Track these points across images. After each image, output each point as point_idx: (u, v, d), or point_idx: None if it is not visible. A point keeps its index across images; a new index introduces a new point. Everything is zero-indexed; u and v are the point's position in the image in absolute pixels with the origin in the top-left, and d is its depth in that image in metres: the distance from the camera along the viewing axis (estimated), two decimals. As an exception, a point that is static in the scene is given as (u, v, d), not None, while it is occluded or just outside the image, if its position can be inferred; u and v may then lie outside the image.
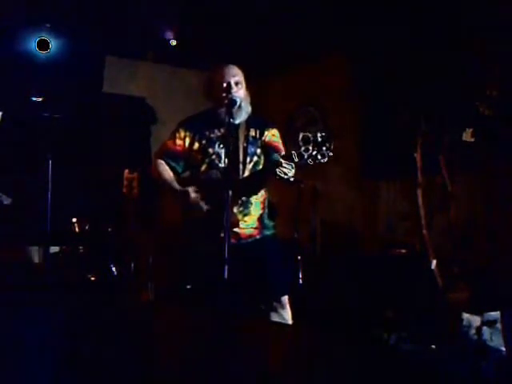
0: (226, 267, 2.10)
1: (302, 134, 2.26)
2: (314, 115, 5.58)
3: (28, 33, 4.69)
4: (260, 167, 2.64)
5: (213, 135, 2.61)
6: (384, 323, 3.61)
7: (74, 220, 4.64)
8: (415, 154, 3.96)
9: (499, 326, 3.06)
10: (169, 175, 2.64)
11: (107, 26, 4.70)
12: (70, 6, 4.33)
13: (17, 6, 4.30)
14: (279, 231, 4.91)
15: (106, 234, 4.70)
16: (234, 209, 2.52)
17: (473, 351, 3.00)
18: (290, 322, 2.64)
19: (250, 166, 2.61)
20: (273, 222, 2.75)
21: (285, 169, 2.28)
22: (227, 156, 2.47)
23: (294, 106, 5.76)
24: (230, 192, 2.20)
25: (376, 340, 3.44)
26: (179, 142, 2.65)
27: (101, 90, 5.41)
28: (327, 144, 2.23)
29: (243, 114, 2.58)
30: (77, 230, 4.64)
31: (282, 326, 2.52)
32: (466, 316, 3.19)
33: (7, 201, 4.57)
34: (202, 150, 2.61)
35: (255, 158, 2.63)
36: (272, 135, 2.70)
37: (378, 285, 3.93)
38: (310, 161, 2.25)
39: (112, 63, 5.49)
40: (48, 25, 4.73)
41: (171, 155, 2.66)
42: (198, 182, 2.59)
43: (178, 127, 2.68)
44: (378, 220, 4.84)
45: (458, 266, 3.72)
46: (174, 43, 5.13)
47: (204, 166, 2.61)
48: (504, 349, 2.98)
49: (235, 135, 2.57)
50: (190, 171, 2.72)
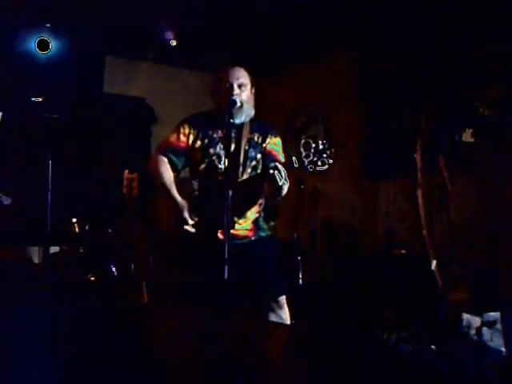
0: (226, 268, 2.10)
1: (303, 140, 2.27)
2: (314, 115, 5.58)
3: (28, 33, 4.69)
4: (258, 172, 2.64)
5: (216, 136, 2.60)
6: (384, 323, 3.61)
7: (74, 220, 4.64)
8: (415, 154, 3.96)
9: (499, 326, 3.06)
10: (169, 177, 2.61)
11: (107, 26, 4.71)
12: (70, 6, 4.34)
13: (17, 6, 4.30)
14: (279, 231, 4.95)
15: (106, 234, 4.70)
16: (231, 211, 2.52)
17: (473, 351, 3.00)
18: (288, 321, 2.64)
19: (249, 169, 2.61)
20: (272, 222, 2.75)
21: (278, 176, 2.26)
22: (228, 156, 2.47)
23: (293, 106, 5.76)
24: (230, 192, 2.19)
25: (376, 340, 3.44)
26: (183, 138, 2.63)
27: (101, 90, 5.41)
28: (328, 152, 2.25)
29: (244, 116, 2.57)
30: (77, 230, 4.64)
31: (281, 325, 2.52)
32: (466, 316, 3.19)
33: (7, 201, 4.57)
34: (204, 149, 2.60)
35: (254, 163, 2.62)
36: (274, 144, 2.68)
37: (378, 285, 3.93)
38: (310, 167, 2.26)
39: (112, 63, 5.49)
40: (48, 25, 4.74)
41: (173, 151, 2.63)
42: (198, 182, 2.59)
43: (182, 123, 2.65)
44: (378, 220, 4.84)
45: (458, 266, 3.72)
46: (173, 43, 5.14)
47: (203, 166, 2.61)
48: (504, 349, 2.99)
49: (238, 137, 2.57)
50: (189, 170, 2.71)
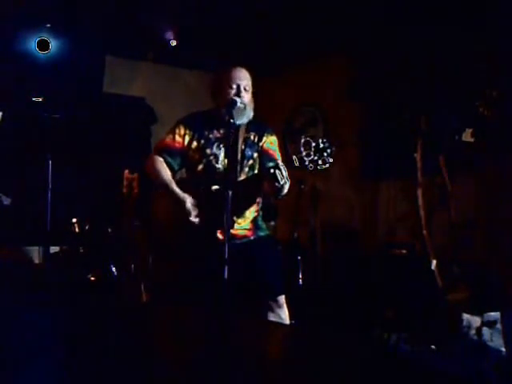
0: (226, 267, 2.09)
1: (303, 139, 2.28)
2: (314, 115, 5.58)
3: (28, 33, 4.69)
4: (255, 171, 2.64)
5: (211, 136, 2.61)
6: (384, 323, 3.61)
7: (74, 220, 4.64)
8: (415, 154, 3.96)
9: (499, 326, 3.06)
10: (167, 175, 2.62)
11: (107, 26, 4.71)
12: (70, 6, 4.34)
13: (17, 6, 4.30)
14: (279, 231, 4.95)
15: (105, 234, 4.70)
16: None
17: (473, 351, 3.00)
18: (287, 321, 2.64)
19: (246, 168, 2.61)
20: (273, 222, 2.76)
21: (279, 175, 2.26)
22: (228, 156, 2.47)
23: (293, 105, 5.76)
24: (229, 192, 2.19)
25: (376, 340, 3.44)
26: (178, 139, 2.63)
27: (101, 90, 5.41)
28: (328, 150, 2.25)
29: (244, 118, 2.58)
30: (77, 230, 4.63)
31: (281, 325, 2.52)
32: (466, 316, 3.19)
33: (7, 201, 4.57)
34: (200, 149, 2.60)
35: (251, 162, 2.63)
36: (270, 142, 2.69)
37: (377, 285, 3.93)
38: (310, 166, 2.26)
39: (112, 63, 5.49)
40: (48, 25, 4.74)
41: (169, 152, 2.64)
42: (195, 182, 2.59)
43: (178, 124, 2.66)
44: (378, 220, 4.84)
45: (458, 266, 3.72)
46: (174, 43, 5.14)
47: (200, 166, 2.61)
48: (504, 349, 2.99)
49: (235, 136, 2.57)
50: (186, 170, 2.71)
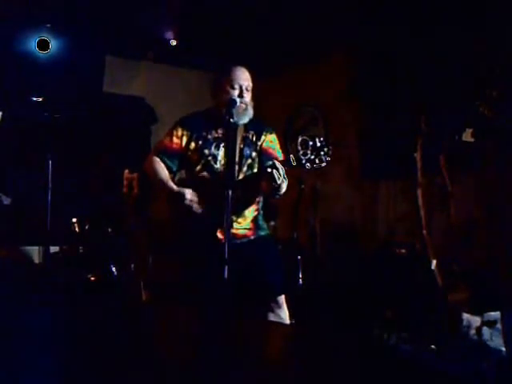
0: (226, 267, 2.10)
1: (300, 138, 2.27)
2: (314, 115, 5.58)
3: (28, 33, 4.69)
4: (254, 170, 2.64)
5: (210, 136, 2.60)
6: (384, 323, 3.61)
7: (74, 220, 4.64)
8: (415, 154, 3.96)
9: (499, 326, 3.06)
10: (164, 174, 2.62)
11: (107, 26, 4.71)
12: (70, 6, 4.34)
13: (17, 6, 4.30)
14: (279, 231, 4.94)
15: (106, 234, 4.70)
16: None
17: (473, 351, 3.00)
18: (287, 321, 2.64)
19: (244, 168, 2.60)
20: (272, 222, 2.76)
21: (276, 174, 2.26)
22: (228, 156, 2.47)
23: (293, 105, 5.76)
24: (230, 191, 2.19)
25: (376, 340, 3.44)
26: (176, 140, 2.63)
27: (101, 90, 5.41)
28: (325, 149, 2.24)
29: (246, 117, 2.57)
30: (77, 230, 4.64)
31: (281, 325, 2.52)
32: (465, 316, 3.19)
33: (7, 201, 4.57)
34: (199, 150, 2.60)
35: (249, 161, 2.62)
36: (270, 141, 2.69)
37: (377, 285, 3.93)
38: (307, 165, 2.26)
39: (112, 63, 5.49)
40: (48, 25, 4.74)
41: (167, 153, 2.64)
42: (195, 183, 2.59)
43: (175, 125, 2.66)
44: (378, 220, 4.84)
45: (458, 266, 3.72)
46: (174, 43, 5.14)
47: (199, 167, 2.61)
48: (504, 349, 2.99)
49: (233, 135, 2.57)
50: (185, 171, 2.71)
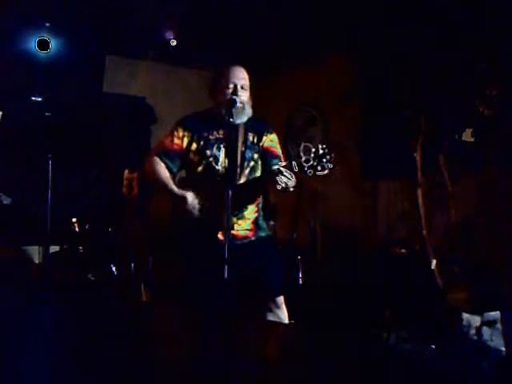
0: (226, 267, 2.09)
1: (303, 145, 2.30)
2: (313, 115, 5.58)
3: (28, 33, 4.69)
4: (257, 172, 2.64)
5: (211, 137, 2.60)
6: (384, 323, 3.61)
7: (74, 220, 4.64)
8: (415, 154, 3.96)
9: (499, 326, 3.06)
10: (165, 175, 2.61)
11: (107, 25, 4.71)
12: (70, 6, 4.34)
13: (17, 6, 4.30)
14: (279, 231, 4.94)
15: (105, 233, 4.70)
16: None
17: (473, 351, 3.00)
18: (286, 321, 2.64)
19: (246, 171, 2.60)
20: (272, 222, 2.76)
21: (285, 178, 2.28)
22: (226, 157, 2.46)
23: (293, 105, 5.76)
24: (230, 192, 2.19)
25: (376, 340, 3.44)
26: (177, 141, 2.62)
27: (101, 90, 5.41)
28: (328, 156, 2.27)
29: (244, 117, 2.57)
30: (77, 230, 4.64)
31: (280, 325, 2.52)
32: (465, 316, 3.19)
33: (7, 201, 4.58)
34: (200, 151, 2.59)
35: (252, 163, 2.62)
36: (270, 141, 2.69)
37: (377, 284, 3.93)
38: (309, 172, 2.28)
39: (112, 63, 5.49)
40: (48, 25, 4.74)
41: (168, 154, 2.63)
42: (195, 183, 2.59)
43: (176, 126, 2.65)
44: (378, 220, 4.84)
45: (458, 266, 3.72)
46: (174, 43, 5.14)
47: (200, 168, 2.60)
48: (504, 349, 2.99)
49: (234, 137, 2.57)
50: (186, 171, 2.71)
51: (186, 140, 2.61)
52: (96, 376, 1.43)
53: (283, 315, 2.62)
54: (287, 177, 2.28)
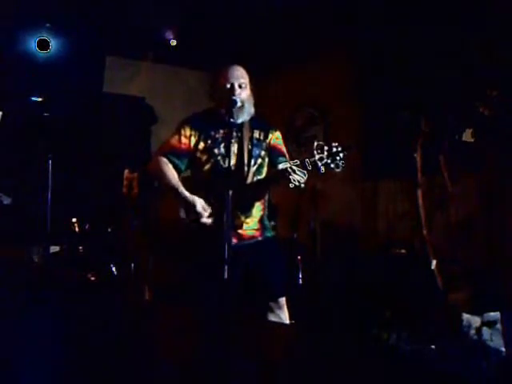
0: (226, 267, 2.09)
1: (316, 143, 2.33)
2: (314, 115, 5.58)
3: (28, 33, 4.69)
4: (264, 169, 2.64)
5: (218, 135, 2.59)
6: (384, 323, 3.60)
7: (74, 220, 4.64)
8: (415, 154, 3.96)
9: (499, 326, 3.06)
10: (174, 176, 2.58)
11: (107, 25, 4.71)
12: (70, 6, 4.34)
13: (17, 6, 4.30)
14: (279, 231, 4.94)
15: (105, 233, 4.70)
16: (238, 211, 2.52)
17: (473, 351, 3.00)
18: (287, 322, 2.64)
19: (253, 168, 2.59)
20: (273, 222, 2.76)
21: (298, 176, 2.29)
22: (228, 156, 2.46)
23: (294, 105, 5.76)
24: (230, 192, 2.19)
25: (376, 340, 3.44)
26: (184, 140, 2.60)
27: (101, 90, 5.41)
28: (341, 154, 2.30)
29: (245, 115, 2.57)
30: (77, 230, 4.64)
31: (281, 325, 2.53)
32: (465, 316, 3.19)
33: (7, 201, 4.58)
34: (208, 150, 2.59)
35: (259, 161, 2.62)
36: (276, 138, 2.71)
37: (377, 285, 3.93)
38: (322, 169, 2.30)
39: (112, 63, 5.49)
40: (48, 25, 4.74)
41: (176, 153, 2.61)
42: (203, 182, 2.59)
43: (182, 125, 2.63)
44: (378, 220, 4.84)
45: (458, 266, 3.72)
46: (174, 43, 5.14)
47: (208, 166, 2.59)
48: (504, 349, 2.98)
49: (240, 136, 2.57)
50: (192, 170, 2.70)
51: (193, 139, 2.60)
52: (96, 376, 1.43)
53: (284, 316, 2.63)
54: (300, 175, 2.29)
